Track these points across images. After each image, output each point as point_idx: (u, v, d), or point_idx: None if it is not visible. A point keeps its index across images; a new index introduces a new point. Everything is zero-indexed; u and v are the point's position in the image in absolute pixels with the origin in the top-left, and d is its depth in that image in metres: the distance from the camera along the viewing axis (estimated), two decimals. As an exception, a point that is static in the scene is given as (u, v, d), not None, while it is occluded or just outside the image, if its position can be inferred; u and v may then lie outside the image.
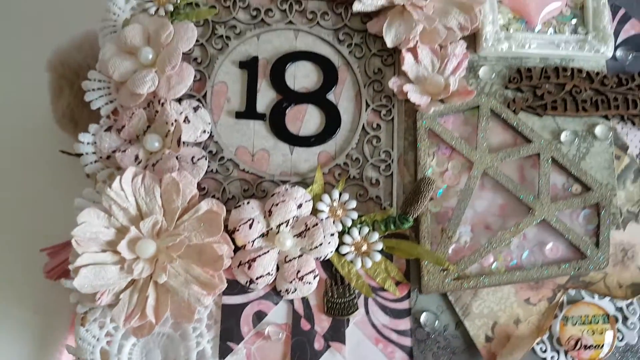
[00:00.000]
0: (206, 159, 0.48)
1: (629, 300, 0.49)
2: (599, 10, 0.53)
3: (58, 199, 0.61)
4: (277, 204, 0.46)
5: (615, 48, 0.54)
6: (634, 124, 0.52)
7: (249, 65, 0.51)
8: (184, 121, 0.49)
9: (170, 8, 0.51)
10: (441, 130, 0.51)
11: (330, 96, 0.52)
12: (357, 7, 0.51)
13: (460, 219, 0.49)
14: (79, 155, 0.51)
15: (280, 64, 0.52)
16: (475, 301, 0.49)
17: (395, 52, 0.52)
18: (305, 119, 0.51)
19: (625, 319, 0.49)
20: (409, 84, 0.50)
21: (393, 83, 0.51)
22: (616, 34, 0.54)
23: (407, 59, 0.50)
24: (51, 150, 0.64)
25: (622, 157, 0.52)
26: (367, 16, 0.52)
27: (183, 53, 0.49)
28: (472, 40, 0.52)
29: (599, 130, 0.52)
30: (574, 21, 0.54)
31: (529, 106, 0.52)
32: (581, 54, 0.52)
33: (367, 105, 0.52)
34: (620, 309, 0.49)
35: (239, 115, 0.51)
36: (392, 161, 0.51)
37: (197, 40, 0.50)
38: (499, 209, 0.50)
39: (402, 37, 0.50)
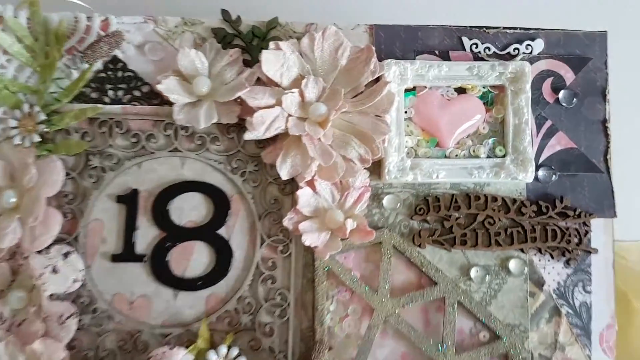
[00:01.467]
0: (76, 316, 0.44)
1: None
2: (520, 129, 0.48)
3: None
4: (152, 371, 0.42)
5: (538, 167, 0.49)
6: (552, 257, 0.48)
7: (128, 200, 0.46)
8: (52, 272, 0.44)
9: (37, 139, 0.45)
10: (341, 270, 0.47)
11: (222, 230, 0.47)
12: (248, 136, 0.45)
13: (358, 373, 0.46)
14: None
15: (164, 196, 0.47)
16: None
17: (294, 180, 0.47)
18: (193, 259, 0.47)
19: None
20: (305, 221, 0.46)
21: (288, 220, 0.46)
22: (540, 150, 0.50)
23: (303, 196, 0.46)
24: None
25: (538, 294, 0.48)
26: (263, 141, 0.47)
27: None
28: (377, 166, 0.48)
29: (513, 265, 0.48)
30: (491, 140, 0.49)
31: (435, 240, 0.48)
32: (497, 181, 0.48)
33: (263, 240, 0.47)
34: None
35: (115, 258, 0.46)
36: (289, 304, 0.46)
37: (67, 174, 0.45)
38: (401, 358, 0.46)
39: (298, 170, 0.45)
